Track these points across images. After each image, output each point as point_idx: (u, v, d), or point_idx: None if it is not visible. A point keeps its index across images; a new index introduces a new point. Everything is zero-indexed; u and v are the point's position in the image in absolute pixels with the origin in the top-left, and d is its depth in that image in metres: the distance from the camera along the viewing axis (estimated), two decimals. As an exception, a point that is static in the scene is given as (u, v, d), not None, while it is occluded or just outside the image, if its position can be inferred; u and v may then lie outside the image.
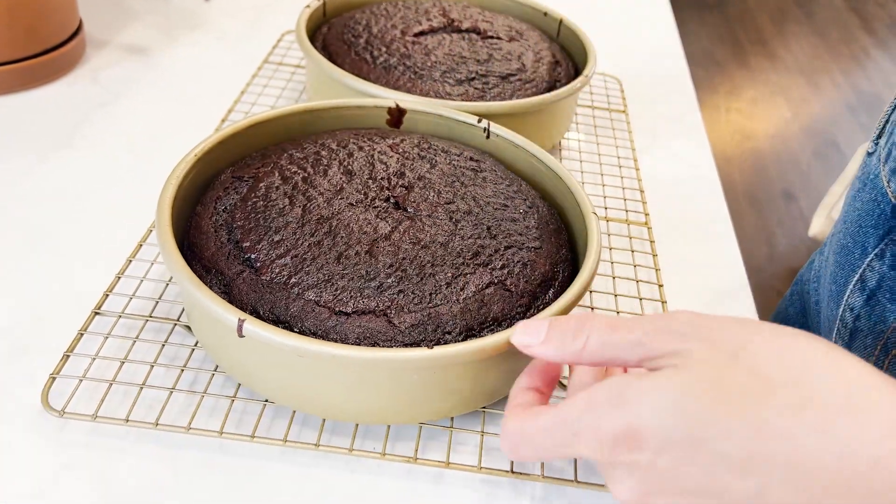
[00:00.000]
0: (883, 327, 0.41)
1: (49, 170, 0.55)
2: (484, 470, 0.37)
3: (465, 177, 0.45)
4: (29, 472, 0.35)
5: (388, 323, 0.36)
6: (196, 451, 0.37)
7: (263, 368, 0.37)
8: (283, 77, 0.67)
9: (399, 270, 0.38)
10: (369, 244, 0.39)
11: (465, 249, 0.40)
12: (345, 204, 0.41)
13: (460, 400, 0.38)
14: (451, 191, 0.44)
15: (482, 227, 0.42)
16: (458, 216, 0.42)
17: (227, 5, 0.81)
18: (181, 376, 0.40)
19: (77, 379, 0.39)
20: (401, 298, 0.37)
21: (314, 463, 0.37)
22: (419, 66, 0.58)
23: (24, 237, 0.49)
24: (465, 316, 0.37)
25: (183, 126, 0.61)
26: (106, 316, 0.42)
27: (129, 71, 0.68)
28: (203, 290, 0.35)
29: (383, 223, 0.40)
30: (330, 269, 0.38)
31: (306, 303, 0.37)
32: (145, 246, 0.47)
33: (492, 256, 0.40)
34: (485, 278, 0.39)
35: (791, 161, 2.13)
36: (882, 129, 0.46)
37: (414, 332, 0.36)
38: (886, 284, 0.41)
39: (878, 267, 0.42)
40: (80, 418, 0.37)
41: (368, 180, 0.43)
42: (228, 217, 0.41)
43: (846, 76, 2.53)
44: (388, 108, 0.51)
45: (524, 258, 0.40)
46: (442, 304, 0.37)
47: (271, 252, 0.38)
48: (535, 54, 0.63)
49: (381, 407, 0.37)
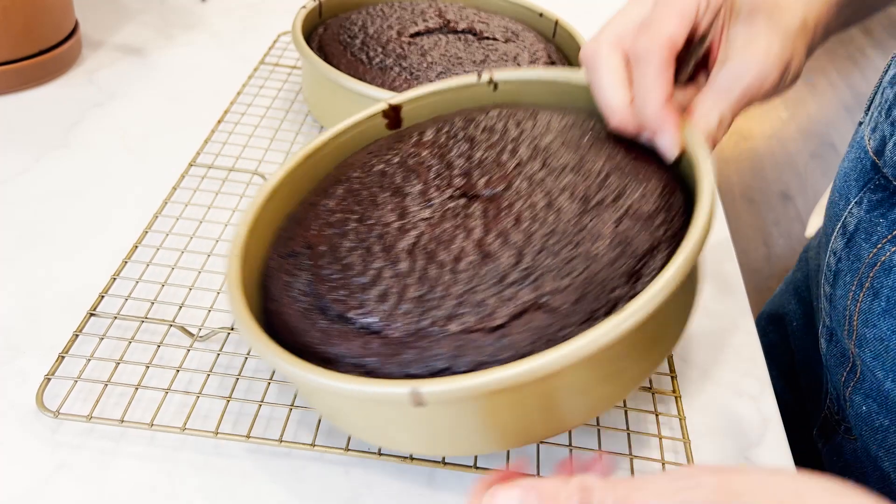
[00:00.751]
0: (859, 265, 0.45)
1: (45, 169, 0.55)
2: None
3: (508, 134, 0.40)
4: (23, 473, 0.35)
5: (549, 312, 0.31)
6: (191, 453, 0.37)
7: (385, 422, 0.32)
8: (280, 78, 0.67)
9: (524, 251, 0.32)
10: (476, 244, 0.34)
11: (566, 200, 0.34)
12: (419, 219, 0.36)
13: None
14: (507, 154, 0.38)
15: (564, 172, 0.36)
16: (530, 173, 0.37)
17: (222, 5, 0.81)
18: (176, 377, 0.40)
19: (72, 380, 0.39)
20: (548, 279, 0.31)
21: (310, 462, 0.37)
22: (415, 66, 0.58)
23: (18, 236, 0.49)
24: (619, 259, 0.32)
25: (178, 126, 0.61)
26: (101, 317, 0.42)
27: (124, 71, 0.68)
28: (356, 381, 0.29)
29: (471, 219, 0.35)
30: (458, 289, 0.32)
31: (454, 336, 0.31)
32: (140, 248, 0.47)
33: (601, 201, 0.34)
34: (611, 216, 0.33)
35: (788, 162, 2.14)
36: (872, 99, 0.49)
37: (580, 307, 0.30)
38: (862, 226, 0.45)
39: (856, 213, 0.46)
40: (74, 419, 0.37)
41: (423, 187, 0.38)
42: (313, 299, 0.34)
43: (843, 77, 2.54)
44: (383, 111, 0.46)
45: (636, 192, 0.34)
46: (589, 262, 0.31)
47: (384, 305, 0.32)
48: (531, 55, 0.63)
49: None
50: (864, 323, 0.44)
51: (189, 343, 0.42)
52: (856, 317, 0.45)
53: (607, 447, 0.39)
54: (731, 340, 0.48)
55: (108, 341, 0.41)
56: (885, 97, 0.45)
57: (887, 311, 0.42)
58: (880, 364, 0.43)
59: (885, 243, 0.43)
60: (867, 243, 0.44)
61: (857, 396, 0.46)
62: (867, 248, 0.44)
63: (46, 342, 0.41)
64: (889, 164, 0.43)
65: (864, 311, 0.44)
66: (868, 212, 0.44)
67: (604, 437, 0.39)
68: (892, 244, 0.42)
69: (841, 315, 0.46)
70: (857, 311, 0.44)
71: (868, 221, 0.44)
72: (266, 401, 0.39)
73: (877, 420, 0.45)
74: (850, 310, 0.45)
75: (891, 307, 0.42)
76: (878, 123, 0.45)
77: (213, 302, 0.44)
